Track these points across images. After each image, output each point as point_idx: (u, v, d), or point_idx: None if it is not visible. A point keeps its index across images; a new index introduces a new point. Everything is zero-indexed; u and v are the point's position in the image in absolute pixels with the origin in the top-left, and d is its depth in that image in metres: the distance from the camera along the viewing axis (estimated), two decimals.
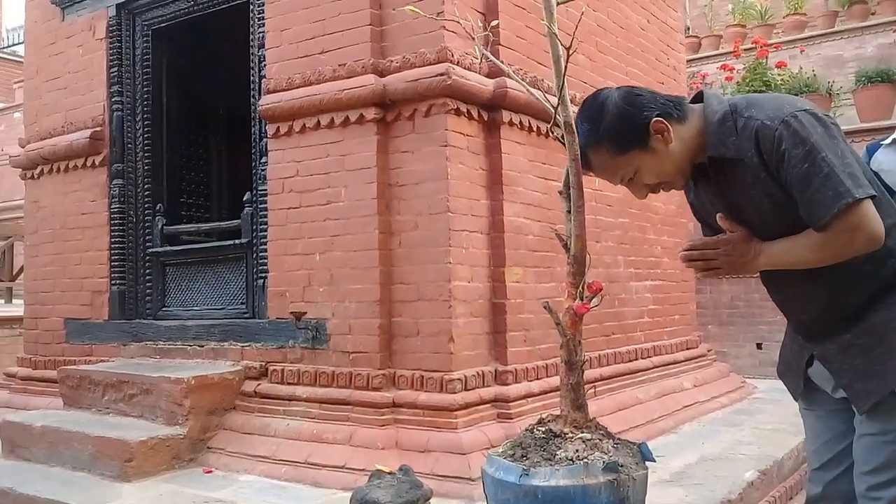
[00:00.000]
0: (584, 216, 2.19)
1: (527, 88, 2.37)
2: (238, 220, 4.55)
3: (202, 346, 4.51)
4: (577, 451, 2.07)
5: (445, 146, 3.68)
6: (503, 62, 3.03)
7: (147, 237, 5.00)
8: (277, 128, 4.16)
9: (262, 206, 4.32)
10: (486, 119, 3.92)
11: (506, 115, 3.93)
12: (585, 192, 2.23)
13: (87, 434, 3.89)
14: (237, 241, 4.54)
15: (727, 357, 7.67)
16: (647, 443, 2.28)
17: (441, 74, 3.62)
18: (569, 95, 2.17)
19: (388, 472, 2.91)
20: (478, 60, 3.72)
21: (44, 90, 5.45)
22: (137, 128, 5.07)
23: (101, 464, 3.77)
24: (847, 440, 1.95)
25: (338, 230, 3.93)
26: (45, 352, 5.31)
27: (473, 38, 2.60)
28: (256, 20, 4.44)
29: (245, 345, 4.32)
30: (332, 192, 3.95)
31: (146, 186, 5.05)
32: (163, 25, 5.05)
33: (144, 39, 5.09)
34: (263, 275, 4.30)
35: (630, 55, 5.31)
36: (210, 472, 3.80)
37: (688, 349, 5.66)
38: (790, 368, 2.10)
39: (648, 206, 5.27)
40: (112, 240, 4.99)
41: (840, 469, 1.99)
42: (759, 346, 8.16)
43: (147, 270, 5.00)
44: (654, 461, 2.20)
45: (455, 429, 3.50)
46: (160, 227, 4.95)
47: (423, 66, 3.72)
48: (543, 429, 2.20)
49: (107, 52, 5.08)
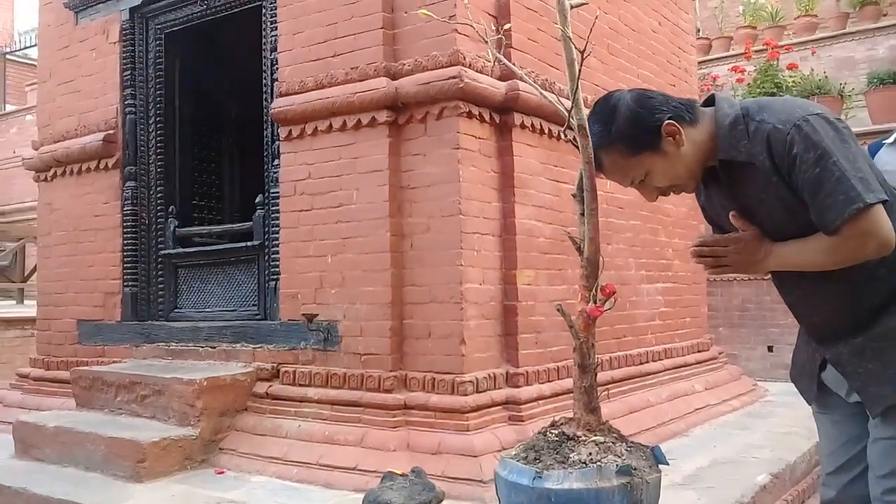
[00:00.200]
0: (598, 219, 2.19)
1: (539, 91, 2.37)
2: (250, 223, 4.57)
3: (214, 348, 4.53)
4: (591, 455, 2.07)
5: (457, 149, 3.69)
6: (515, 65, 3.04)
7: (159, 239, 5.03)
8: (290, 131, 4.18)
9: (274, 209, 4.33)
10: (498, 122, 3.92)
11: (517, 118, 3.93)
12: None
13: (100, 435, 3.91)
14: (249, 243, 4.56)
15: (738, 360, 7.65)
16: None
17: (453, 77, 3.63)
18: (582, 98, 2.17)
19: (401, 474, 2.93)
20: (490, 63, 3.72)
21: (57, 93, 5.49)
22: (150, 130, 5.10)
23: (114, 464, 3.79)
24: (861, 444, 1.95)
25: (349, 232, 3.94)
26: (58, 353, 5.33)
27: (486, 41, 2.60)
28: (269, 24, 4.46)
29: (257, 346, 4.33)
30: (344, 195, 3.97)
31: (159, 189, 5.08)
32: (176, 29, 5.08)
33: (157, 43, 5.12)
34: (275, 277, 4.31)
35: (642, 57, 5.30)
36: (222, 473, 3.82)
37: (699, 352, 5.64)
38: (803, 372, 2.09)
39: (660, 209, 5.26)
40: (125, 242, 5.02)
41: (854, 473, 1.98)
42: (770, 349, 8.13)
43: (159, 272, 5.03)
44: (668, 464, 2.20)
45: (466, 431, 3.50)
46: (172, 229, 4.98)
47: (436, 69, 3.72)
48: (556, 432, 2.19)
49: (120, 56, 5.10)
